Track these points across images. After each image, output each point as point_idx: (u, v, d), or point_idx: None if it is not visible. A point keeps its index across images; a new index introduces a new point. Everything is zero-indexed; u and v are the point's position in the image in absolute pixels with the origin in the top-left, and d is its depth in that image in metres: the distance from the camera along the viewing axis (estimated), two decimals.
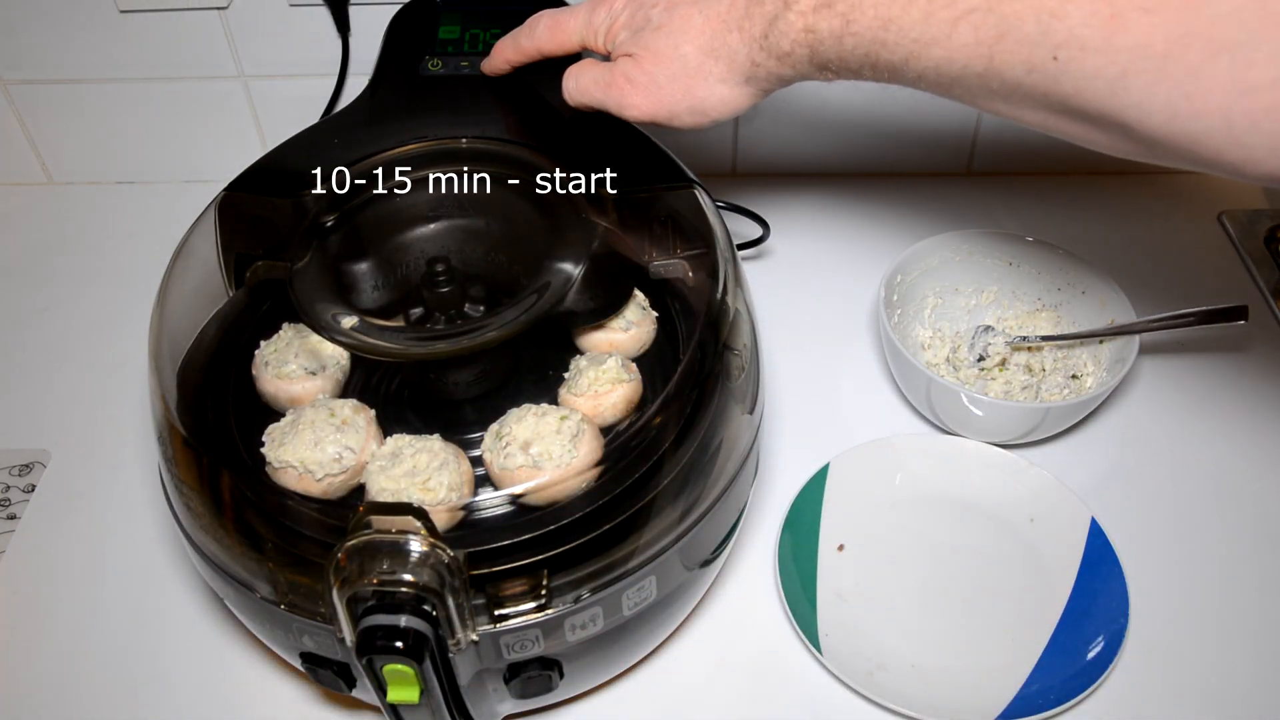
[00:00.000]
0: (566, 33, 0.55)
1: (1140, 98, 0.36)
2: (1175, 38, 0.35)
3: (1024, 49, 0.38)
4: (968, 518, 0.63)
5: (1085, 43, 0.37)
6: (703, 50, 0.49)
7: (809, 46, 0.45)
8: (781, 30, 0.46)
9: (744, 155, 0.87)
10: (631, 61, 0.51)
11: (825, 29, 0.44)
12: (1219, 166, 0.37)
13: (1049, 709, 0.52)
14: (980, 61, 0.40)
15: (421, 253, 0.54)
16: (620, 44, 0.52)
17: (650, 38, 0.50)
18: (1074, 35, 0.37)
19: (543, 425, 0.46)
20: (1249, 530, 0.62)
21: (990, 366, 0.70)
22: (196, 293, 0.54)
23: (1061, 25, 0.37)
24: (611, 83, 0.52)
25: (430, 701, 0.43)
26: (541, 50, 0.57)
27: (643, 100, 0.51)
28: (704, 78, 0.49)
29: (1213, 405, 0.69)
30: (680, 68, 0.50)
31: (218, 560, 0.47)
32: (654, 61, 0.50)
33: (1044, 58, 0.38)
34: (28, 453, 0.69)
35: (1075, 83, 0.38)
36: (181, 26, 0.79)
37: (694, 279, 0.55)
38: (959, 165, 0.87)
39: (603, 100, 0.53)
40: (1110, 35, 0.36)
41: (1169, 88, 0.36)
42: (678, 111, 0.51)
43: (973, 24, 0.39)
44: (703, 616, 0.59)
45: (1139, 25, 0.35)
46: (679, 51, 0.49)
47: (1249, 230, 0.80)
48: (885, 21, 0.42)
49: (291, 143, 0.60)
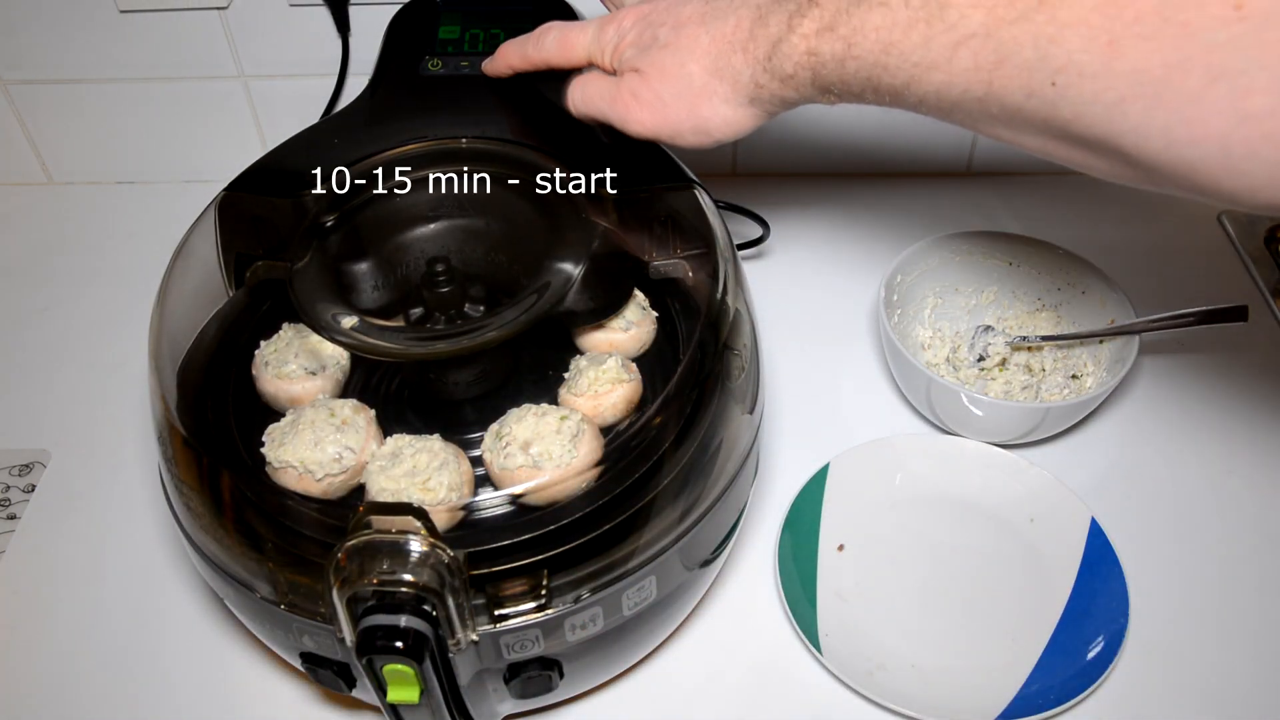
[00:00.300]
0: (575, 48, 0.55)
1: (1138, 123, 0.36)
2: (1173, 64, 0.35)
3: (1023, 74, 0.38)
4: (968, 518, 0.63)
5: (1083, 68, 0.37)
6: (708, 70, 0.49)
7: (811, 69, 0.45)
8: (785, 53, 0.46)
9: (744, 155, 0.87)
10: (638, 78, 0.51)
11: (828, 52, 0.44)
12: (1217, 194, 0.37)
13: (1049, 709, 0.52)
14: (980, 86, 0.40)
15: (421, 253, 0.54)
16: (627, 60, 0.52)
17: (657, 56, 0.50)
18: (1072, 61, 0.37)
19: (543, 425, 0.46)
20: (1249, 530, 0.62)
21: (990, 366, 0.70)
22: (196, 293, 0.54)
23: (1060, 51, 0.37)
24: (617, 98, 0.52)
25: (430, 701, 0.43)
26: (549, 63, 0.57)
27: (647, 117, 0.51)
28: (709, 98, 0.49)
29: (1213, 405, 0.69)
30: (685, 86, 0.50)
31: (218, 560, 0.47)
32: (660, 79, 0.50)
33: (1042, 83, 0.38)
34: (28, 453, 0.69)
35: (1074, 108, 0.38)
36: (181, 26, 0.79)
37: (694, 279, 0.55)
38: (959, 165, 0.87)
39: (607, 114, 0.53)
40: (1108, 61, 0.36)
41: (1166, 114, 0.36)
42: (681, 130, 0.51)
43: (972, 49, 0.39)
44: (703, 616, 0.59)
45: (1137, 51, 0.35)
46: (685, 70, 0.49)
47: (1249, 230, 0.80)
48: (886, 46, 0.42)
49: (291, 143, 0.60)
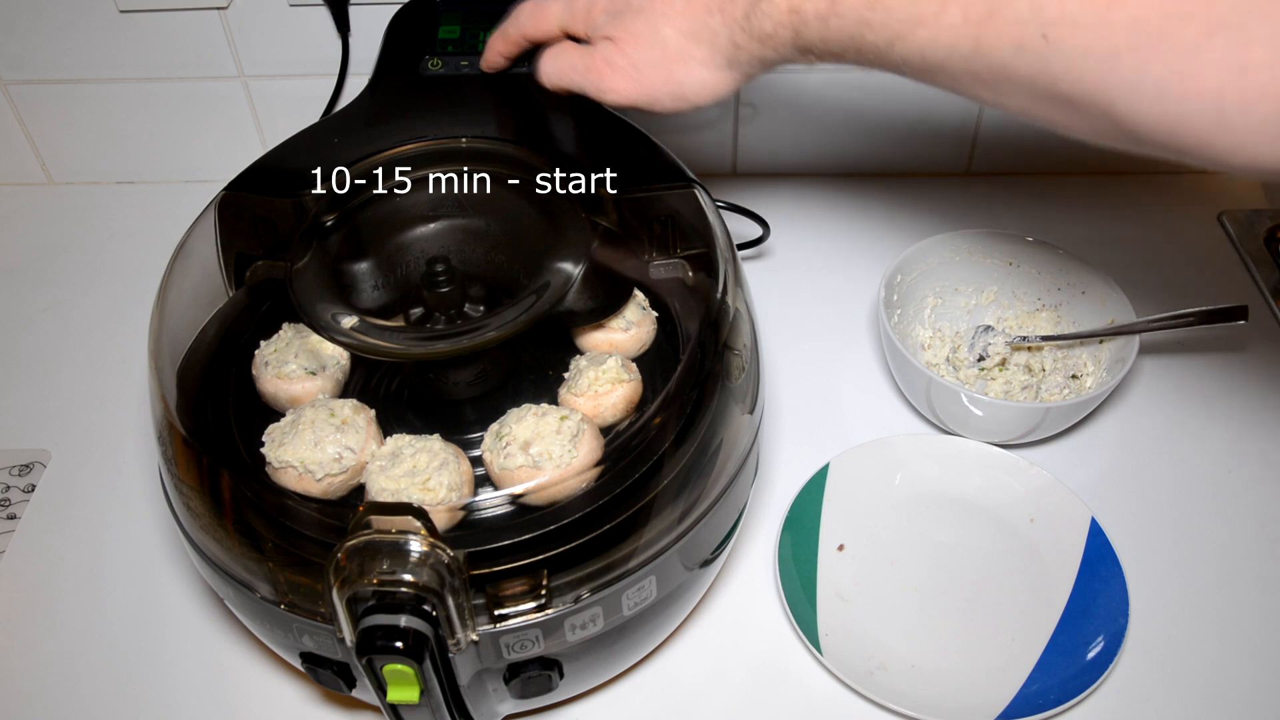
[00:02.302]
0: (548, 17, 0.54)
1: (1132, 77, 0.36)
2: (1172, 14, 0.34)
3: (1013, 28, 0.38)
4: (968, 518, 0.63)
5: (1078, 19, 0.36)
6: (683, 33, 0.48)
7: (792, 28, 0.44)
8: (765, 11, 0.45)
9: (744, 155, 0.87)
10: (611, 45, 0.50)
11: (810, 9, 0.43)
12: (1204, 154, 0.37)
13: (1049, 709, 0.52)
14: (967, 42, 0.39)
15: (421, 253, 0.54)
16: (599, 27, 0.51)
17: (630, 21, 0.50)
18: (1066, 12, 0.36)
19: (543, 425, 0.46)
20: (1249, 530, 0.62)
21: (990, 366, 0.70)
22: (196, 293, 0.54)
23: (1053, 2, 0.36)
24: (590, 66, 0.51)
25: (430, 701, 0.43)
26: (527, 36, 0.56)
27: (622, 84, 0.50)
28: (684, 61, 0.49)
29: (1213, 405, 0.69)
30: (660, 52, 0.49)
31: (218, 560, 0.47)
32: (634, 45, 0.49)
33: (1034, 36, 0.37)
34: (28, 453, 0.69)
35: (1065, 62, 0.37)
36: (181, 26, 0.79)
37: (694, 279, 0.55)
38: (959, 165, 0.87)
39: (581, 84, 0.52)
40: (1105, 10, 0.36)
41: (1162, 66, 0.35)
42: (658, 96, 0.50)
43: (962, 4, 0.39)
44: (703, 616, 0.59)
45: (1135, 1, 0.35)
46: (659, 35, 0.49)
47: (1249, 230, 0.80)
48: (872, 2, 0.41)
49: (291, 143, 0.60)
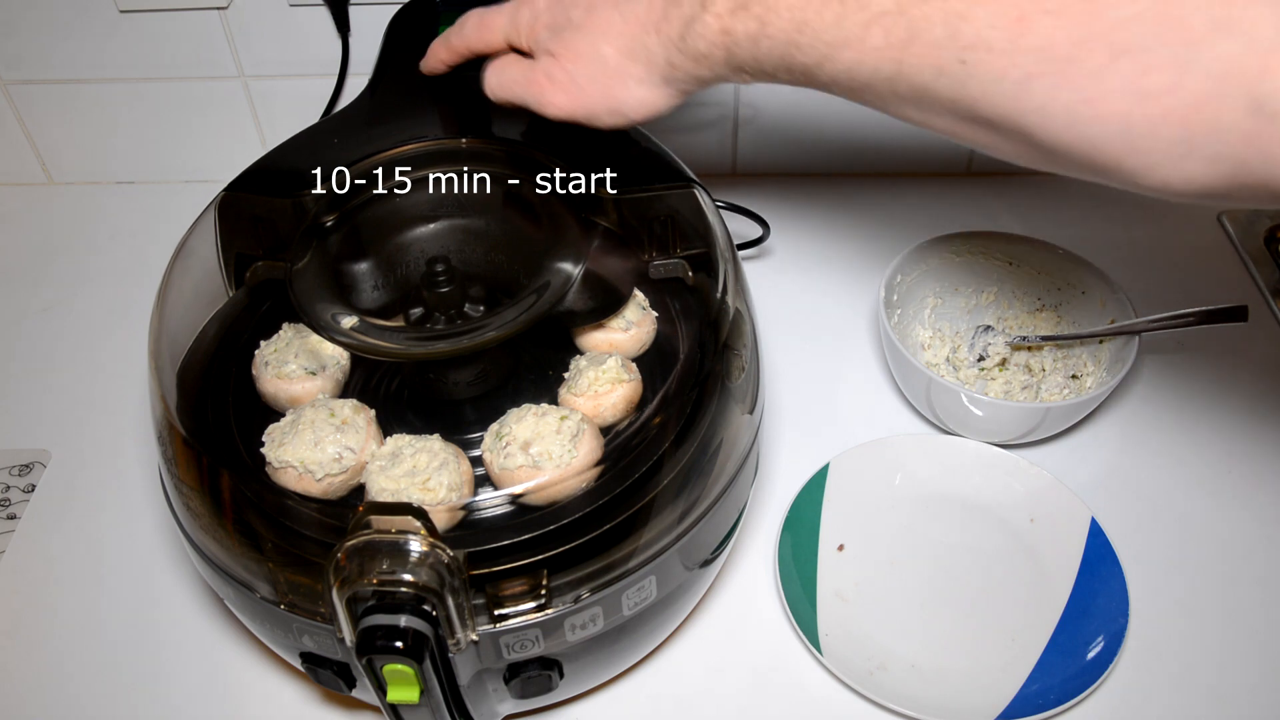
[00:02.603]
0: (493, 30, 0.55)
1: (1043, 101, 0.37)
2: (1078, 40, 0.35)
3: (933, 52, 0.38)
4: (968, 518, 0.63)
5: (991, 44, 0.37)
6: (621, 52, 0.49)
7: (725, 49, 0.45)
8: (698, 32, 0.46)
9: (744, 155, 0.87)
10: (552, 60, 0.51)
11: (741, 31, 0.44)
12: (1118, 175, 0.37)
13: (1049, 709, 0.52)
14: (890, 65, 0.40)
15: (421, 253, 0.54)
16: (541, 42, 0.52)
17: (571, 38, 0.50)
18: (981, 37, 0.37)
19: (543, 425, 0.46)
20: (1249, 530, 0.62)
21: (990, 366, 0.70)
22: (196, 293, 0.54)
23: (969, 28, 0.37)
24: (532, 80, 0.52)
25: (430, 701, 0.43)
26: (471, 48, 0.56)
27: (562, 99, 0.51)
28: (623, 79, 0.49)
29: (1213, 405, 0.69)
30: (600, 69, 0.49)
31: (218, 560, 0.47)
32: (574, 61, 0.50)
33: (951, 60, 0.38)
34: (28, 453, 0.69)
35: (981, 86, 0.38)
36: (181, 26, 0.79)
37: (694, 279, 0.55)
38: (959, 165, 0.87)
39: (523, 97, 0.53)
40: (1016, 37, 0.36)
41: (1070, 91, 0.36)
42: (596, 112, 0.51)
43: (884, 27, 0.39)
44: (703, 616, 0.59)
45: (1043, 27, 0.36)
46: (599, 53, 0.49)
47: (1249, 230, 0.80)
48: (800, 24, 0.42)
49: (291, 143, 0.60)
